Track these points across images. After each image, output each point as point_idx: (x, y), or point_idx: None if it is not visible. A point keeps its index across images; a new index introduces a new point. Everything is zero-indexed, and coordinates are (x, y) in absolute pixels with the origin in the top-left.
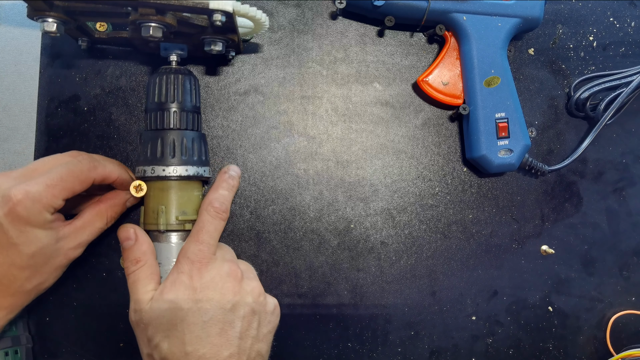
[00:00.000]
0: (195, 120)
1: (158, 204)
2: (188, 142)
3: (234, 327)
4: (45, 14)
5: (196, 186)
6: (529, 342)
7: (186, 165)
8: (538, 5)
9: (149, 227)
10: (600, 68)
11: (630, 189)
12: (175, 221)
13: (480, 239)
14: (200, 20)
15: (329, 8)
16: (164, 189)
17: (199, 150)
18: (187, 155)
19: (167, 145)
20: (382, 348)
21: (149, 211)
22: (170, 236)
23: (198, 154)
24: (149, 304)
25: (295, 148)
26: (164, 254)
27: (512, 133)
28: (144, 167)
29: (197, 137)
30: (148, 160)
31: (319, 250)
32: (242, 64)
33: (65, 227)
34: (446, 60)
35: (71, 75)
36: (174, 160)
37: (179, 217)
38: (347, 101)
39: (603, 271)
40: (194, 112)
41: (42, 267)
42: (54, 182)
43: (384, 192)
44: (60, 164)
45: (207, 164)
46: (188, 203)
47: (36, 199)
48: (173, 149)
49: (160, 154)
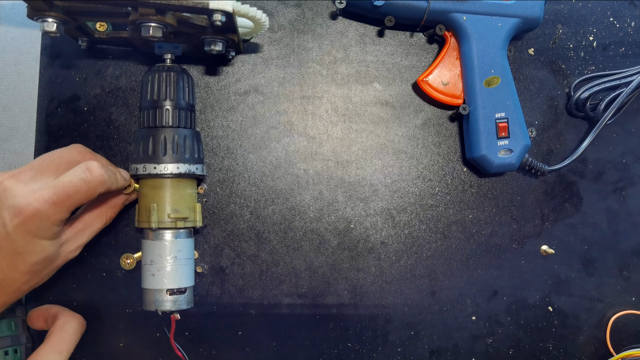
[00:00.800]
0: (189, 118)
1: (150, 202)
2: (181, 140)
3: None
4: (45, 14)
5: (189, 184)
6: (529, 342)
7: (178, 162)
8: (538, 5)
9: (142, 224)
10: (600, 68)
11: (630, 189)
12: (168, 219)
13: (480, 239)
14: (200, 20)
15: (329, 8)
16: (157, 186)
17: (192, 147)
18: (180, 152)
19: (160, 142)
20: (382, 348)
21: (142, 209)
22: (163, 234)
23: (191, 151)
24: None
25: (295, 148)
26: (157, 251)
27: (512, 133)
28: (137, 165)
29: (191, 134)
30: (141, 158)
31: (319, 250)
32: (242, 64)
33: (67, 231)
34: (446, 60)
35: (71, 75)
36: (166, 158)
37: (171, 215)
38: (347, 101)
39: (603, 271)
40: (188, 110)
41: (42, 271)
42: (62, 200)
43: (384, 192)
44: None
45: (201, 161)
46: (180, 201)
47: (45, 217)
48: (165, 146)
49: (153, 152)
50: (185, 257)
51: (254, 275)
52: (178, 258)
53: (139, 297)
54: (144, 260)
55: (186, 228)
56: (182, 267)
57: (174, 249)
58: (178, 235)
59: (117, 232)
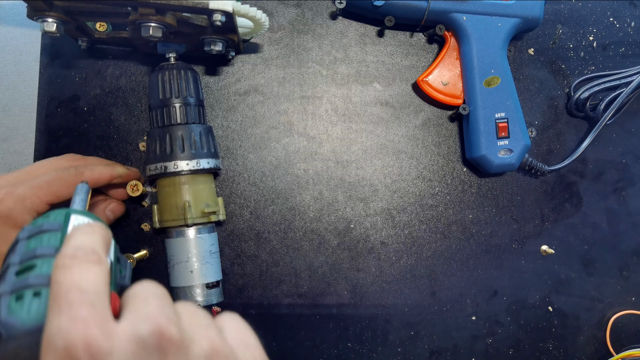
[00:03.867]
0: (199, 114)
1: (180, 199)
2: (196, 136)
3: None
4: (45, 14)
5: (210, 178)
6: (529, 342)
7: (197, 158)
8: (538, 5)
9: (171, 223)
10: (600, 68)
11: (630, 189)
12: (201, 214)
13: (480, 239)
14: (200, 20)
15: (329, 8)
16: (179, 184)
17: (207, 142)
18: (196, 148)
19: (176, 140)
20: (381, 348)
21: (171, 207)
22: (198, 229)
23: (207, 146)
24: None
25: (295, 148)
26: (193, 248)
27: (512, 133)
28: (155, 165)
29: (204, 129)
30: (158, 157)
31: (318, 250)
32: (242, 64)
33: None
34: (446, 60)
35: (71, 75)
36: (184, 154)
37: (204, 210)
38: (347, 101)
39: (603, 271)
40: (197, 106)
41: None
42: (40, 185)
43: (384, 192)
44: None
45: (217, 155)
46: (209, 195)
47: (19, 199)
48: (182, 143)
49: (170, 150)
50: (217, 250)
51: (254, 275)
52: (212, 252)
53: None
54: (177, 259)
55: (214, 222)
56: (216, 260)
57: (208, 242)
58: (210, 229)
59: (117, 233)
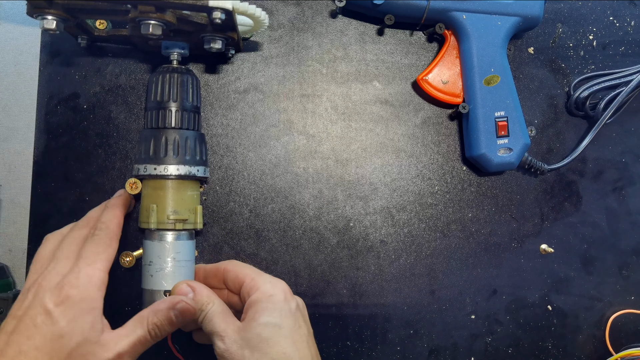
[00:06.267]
0: (194, 120)
1: (150, 203)
2: (182, 141)
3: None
4: (45, 12)
5: (190, 186)
6: (528, 341)
7: (179, 164)
8: (538, 4)
9: (142, 225)
10: (600, 67)
11: (630, 188)
12: (167, 220)
13: (480, 238)
14: (200, 18)
15: (329, 6)
16: (158, 187)
17: (195, 149)
18: (182, 154)
19: (162, 144)
20: (381, 347)
21: (143, 209)
22: (163, 235)
23: (193, 153)
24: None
25: (295, 146)
26: (156, 252)
27: (512, 132)
28: (139, 165)
29: (194, 136)
30: (143, 158)
31: (318, 248)
32: (242, 62)
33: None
34: (446, 58)
35: (71, 73)
36: (167, 159)
37: (171, 216)
38: (347, 100)
39: (602, 270)
40: (193, 112)
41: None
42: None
43: (384, 190)
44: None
45: (204, 163)
46: (181, 202)
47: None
48: (166, 147)
49: (154, 153)
50: (185, 259)
51: None
52: (177, 260)
53: (138, 295)
54: (144, 261)
55: (186, 230)
56: (180, 269)
57: (172, 250)
58: (178, 237)
59: None
